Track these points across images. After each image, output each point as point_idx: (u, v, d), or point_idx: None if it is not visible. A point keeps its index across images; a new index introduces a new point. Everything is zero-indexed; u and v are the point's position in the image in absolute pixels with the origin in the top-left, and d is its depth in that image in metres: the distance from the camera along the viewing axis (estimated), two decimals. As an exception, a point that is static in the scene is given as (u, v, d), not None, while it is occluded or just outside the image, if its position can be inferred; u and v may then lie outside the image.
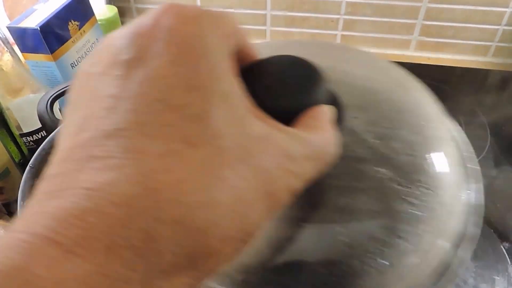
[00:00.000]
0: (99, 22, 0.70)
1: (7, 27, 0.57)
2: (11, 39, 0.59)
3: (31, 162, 0.32)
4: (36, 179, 0.32)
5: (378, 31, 0.81)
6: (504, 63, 0.80)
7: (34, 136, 0.55)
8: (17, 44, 0.60)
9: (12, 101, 0.54)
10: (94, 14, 0.67)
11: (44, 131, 0.54)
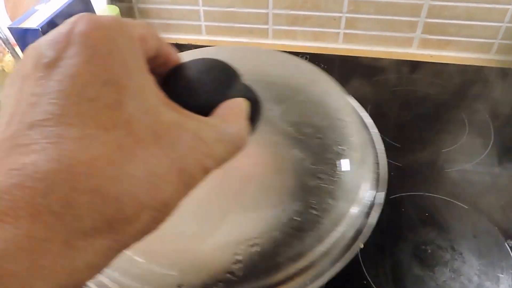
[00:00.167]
0: (101, 22, 0.70)
1: (9, 28, 0.57)
2: (12, 40, 0.59)
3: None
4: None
5: (380, 29, 0.81)
6: (507, 60, 0.80)
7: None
8: (18, 45, 0.60)
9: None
10: (95, 14, 0.67)
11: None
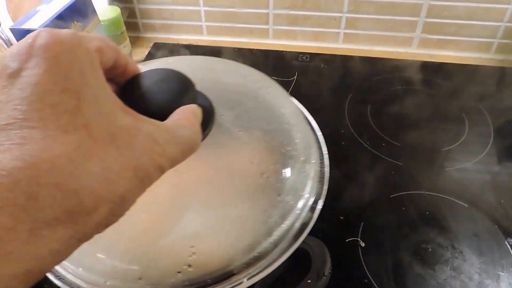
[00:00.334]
0: (102, 23, 0.70)
1: (10, 28, 0.57)
2: (14, 40, 0.59)
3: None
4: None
5: (380, 29, 0.81)
6: (507, 59, 0.80)
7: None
8: (20, 46, 0.60)
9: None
10: (97, 14, 0.67)
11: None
